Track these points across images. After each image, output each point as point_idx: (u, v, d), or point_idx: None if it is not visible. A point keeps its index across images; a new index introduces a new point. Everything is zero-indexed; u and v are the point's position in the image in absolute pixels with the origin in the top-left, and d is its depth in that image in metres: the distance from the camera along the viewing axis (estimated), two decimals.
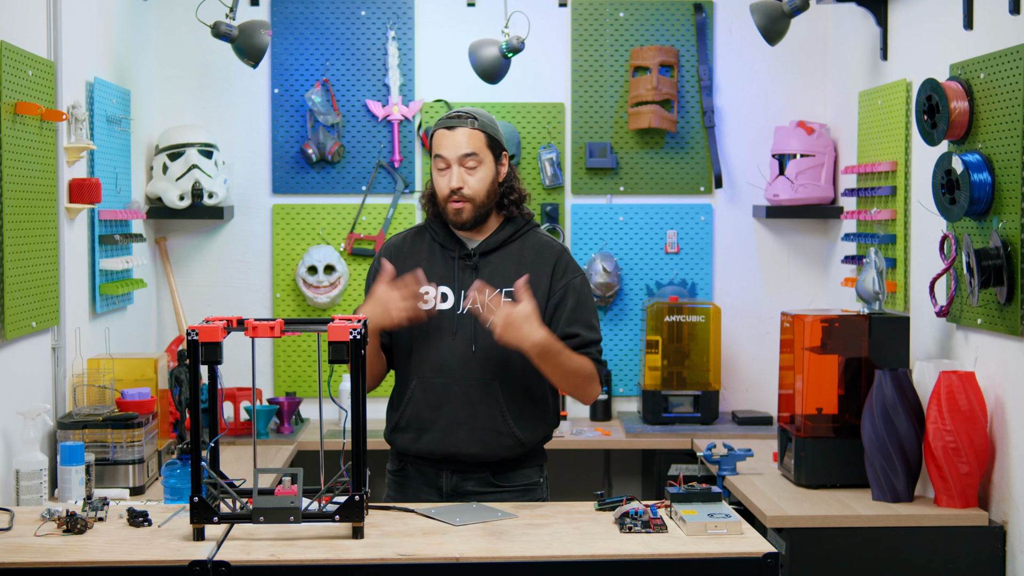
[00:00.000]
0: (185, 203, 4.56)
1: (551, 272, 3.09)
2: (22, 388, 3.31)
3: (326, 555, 2.55)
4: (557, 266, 3.10)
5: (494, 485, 3.08)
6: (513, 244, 3.11)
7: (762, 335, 4.95)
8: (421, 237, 3.17)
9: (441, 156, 3.05)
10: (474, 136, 3.05)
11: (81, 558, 2.53)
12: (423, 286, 3.06)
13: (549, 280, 3.08)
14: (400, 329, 3.07)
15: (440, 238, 3.12)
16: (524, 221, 3.15)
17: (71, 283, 3.69)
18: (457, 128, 3.05)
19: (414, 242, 3.16)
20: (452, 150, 3.04)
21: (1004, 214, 3.30)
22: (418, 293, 3.01)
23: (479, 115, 3.08)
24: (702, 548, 2.61)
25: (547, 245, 3.14)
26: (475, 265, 3.07)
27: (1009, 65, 3.26)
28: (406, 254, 3.13)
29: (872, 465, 3.50)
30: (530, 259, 3.09)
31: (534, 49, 4.72)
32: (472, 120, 3.06)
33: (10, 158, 3.18)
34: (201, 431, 2.62)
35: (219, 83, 4.87)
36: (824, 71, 4.93)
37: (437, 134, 3.08)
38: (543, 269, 3.09)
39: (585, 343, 3.05)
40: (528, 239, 3.13)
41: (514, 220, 3.13)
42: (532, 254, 3.10)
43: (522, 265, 3.08)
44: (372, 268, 3.18)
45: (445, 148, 3.05)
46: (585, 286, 3.11)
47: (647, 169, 4.95)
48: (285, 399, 4.56)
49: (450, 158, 3.04)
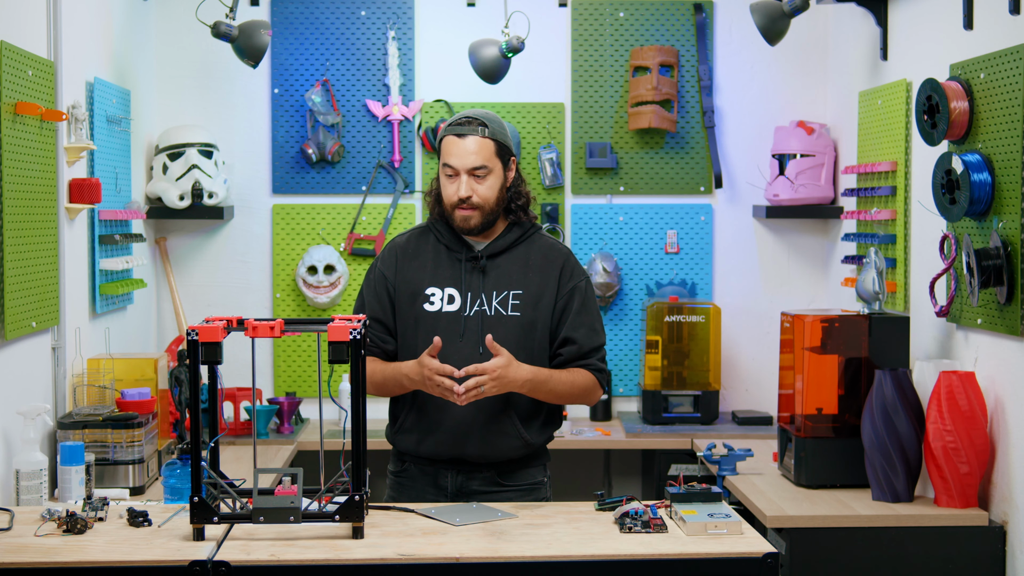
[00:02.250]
0: (185, 203, 4.56)
1: (559, 275, 3.09)
2: (22, 388, 3.31)
3: (326, 555, 2.55)
4: (564, 269, 3.11)
5: (499, 484, 3.09)
6: (519, 247, 3.11)
7: (762, 335, 4.95)
8: (425, 238, 3.15)
9: (450, 164, 3.03)
10: (484, 146, 3.02)
11: (81, 558, 2.53)
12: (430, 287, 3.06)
13: (557, 283, 3.09)
14: (405, 332, 3.07)
15: (445, 240, 3.11)
16: (530, 224, 3.15)
17: (71, 283, 3.69)
18: (467, 136, 3.01)
19: (419, 243, 3.15)
20: (461, 160, 3.01)
21: (1004, 214, 3.29)
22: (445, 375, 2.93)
23: (489, 121, 3.05)
24: (702, 548, 2.61)
25: (553, 248, 3.14)
26: (483, 268, 3.07)
27: (1009, 65, 3.26)
28: (411, 255, 3.12)
29: (872, 465, 3.50)
30: (537, 262, 3.10)
31: (534, 49, 4.72)
32: (483, 127, 3.02)
33: (10, 158, 3.18)
34: (201, 431, 2.62)
35: (219, 83, 4.87)
36: (824, 71, 4.93)
37: (446, 140, 3.04)
38: (550, 272, 3.09)
39: (585, 352, 3.07)
40: (534, 242, 3.13)
41: (520, 223, 3.13)
42: (539, 257, 3.11)
43: (529, 268, 3.08)
44: (374, 272, 3.14)
45: (454, 157, 3.02)
46: (589, 289, 3.13)
47: (647, 169, 4.95)
48: (285, 399, 4.56)
49: (459, 168, 3.02)
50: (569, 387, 3.04)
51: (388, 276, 3.11)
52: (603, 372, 3.10)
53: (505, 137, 3.07)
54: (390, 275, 3.11)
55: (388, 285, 3.10)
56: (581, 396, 3.08)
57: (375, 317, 3.10)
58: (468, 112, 3.08)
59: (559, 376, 3.02)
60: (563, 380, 3.03)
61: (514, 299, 3.05)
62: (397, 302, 3.09)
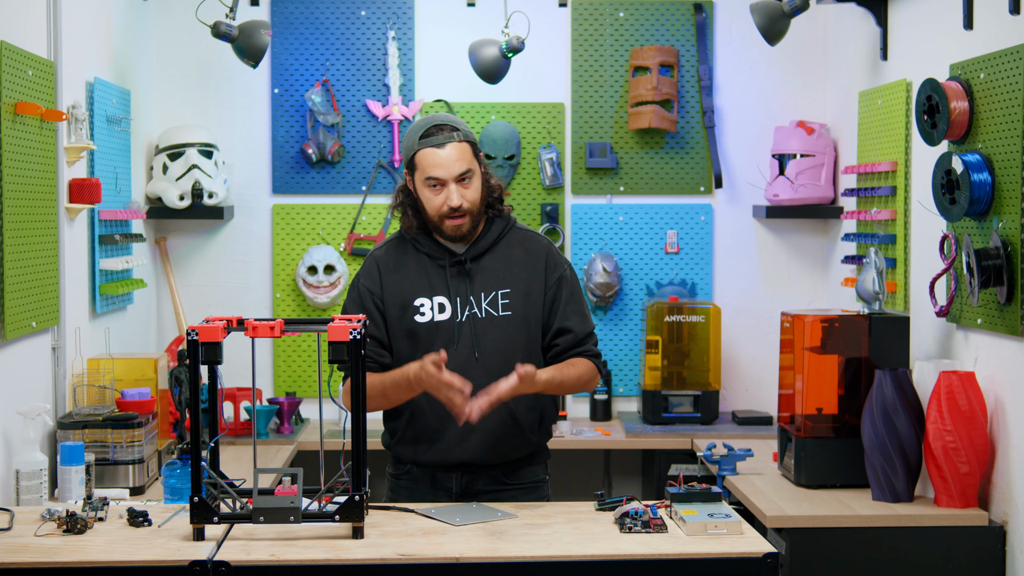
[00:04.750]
0: (185, 203, 4.56)
1: (544, 267, 3.10)
2: (22, 388, 3.31)
3: (326, 555, 2.55)
4: (548, 260, 3.11)
5: (503, 483, 3.09)
6: (500, 244, 3.10)
7: (762, 335, 4.95)
8: (404, 248, 3.10)
9: (435, 176, 2.98)
10: (464, 150, 2.99)
11: (81, 558, 2.53)
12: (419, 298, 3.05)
13: (544, 275, 3.09)
14: (399, 345, 3.06)
15: (425, 248, 3.08)
16: (506, 219, 3.12)
17: (71, 283, 3.69)
18: (447, 145, 2.98)
19: (398, 254, 3.10)
20: (447, 170, 2.97)
21: (1004, 214, 3.29)
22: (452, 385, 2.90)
23: (457, 124, 3.02)
24: (702, 548, 2.61)
25: (531, 239, 3.13)
26: (468, 271, 3.06)
27: (1009, 65, 3.26)
28: (392, 268, 3.08)
29: (872, 465, 3.50)
30: (520, 257, 3.09)
31: (534, 49, 4.72)
32: (456, 132, 2.99)
33: (10, 158, 3.17)
34: (201, 431, 2.62)
35: (219, 83, 4.87)
36: (824, 71, 4.93)
37: (424, 153, 2.98)
38: (535, 265, 3.09)
39: (580, 339, 3.08)
40: (512, 236, 3.12)
41: (497, 220, 3.11)
42: (521, 252, 3.10)
43: (513, 264, 3.08)
44: (358, 289, 3.08)
45: (438, 169, 2.97)
46: (574, 276, 3.14)
47: (647, 169, 4.95)
48: (285, 399, 4.56)
49: (447, 178, 2.98)
50: (576, 380, 3.04)
51: (374, 291, 3.07)
52: (598, 357, 3.11)
53: (473, 135, 3.05)
54: (376, 289, 3.07)
55: (376, 300, 3.06)
56: (584, 386, 3.08)
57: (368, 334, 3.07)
58: (432, 119, 3.02)
59: (567, 373, 3.01)
60: (570, 376, 3.02)
61: (503, 298, 3.04)
62: (388, 315, 3.06)
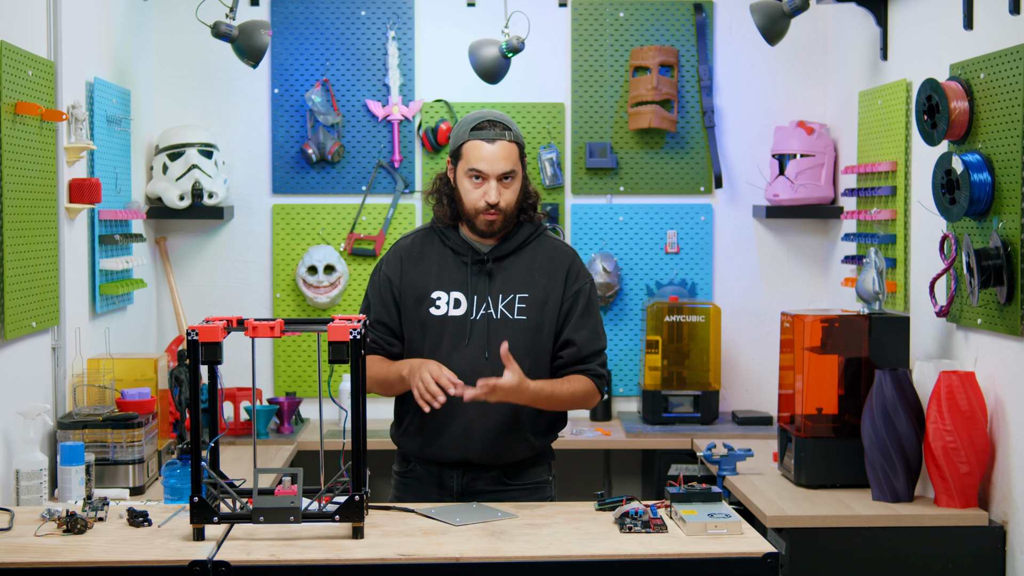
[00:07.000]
0: (185, 203, 4.56)
1: (564, 277, 3.09)
2: (22, 388, 3.31)
3: (326, 555, 2.55)
4: (571, 271, 3.10)
5: (505, 484, 3.09)
6: (525, 249, 3.10)
7: (762, 335, 4.95)
8: (431, 240, 3.13)
9: (478, 170, 2.99)
10: (512, 151, 3.01)
11: (81, 558, 2.54)
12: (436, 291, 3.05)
13: (563, 285, 3.08)
14: (412, 335, 3.07)
15: (451, 242, 3.09)
16: (536, 225, 3.13)
17: (71, 283, 3.69)
18: (497, 142, 2.99)
19: (424, 245, 3.12)
20: (492, 166, 2.99)
21: (1004, 214, 3.29)
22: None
23: (509, 123, 3.04)
24: (702, 548, 2.62)
25: (559, 249, 3.13)
26: (489, 271, 3.07)
27: (1009, 65, 3.26)
28: (416, 258, 3.10)
29: (872, 465, 3.50)
30: (543, 264, 3.09)
31: (534, 49, 4.72)
32: (508, 131, 3.01)
33: (10, 158, 3.17)
34: (201, 431, 2.62)
35: (219, 83, 4.87)
36: (824, 71, 4.93)
37: (473, 144, 3.00)
38: (556, 274, 3.09)
39: (584, 355, 3.07)
40: (541, 244, 3.12)
41: (526, 224, 3.11)
42: (544, 259, 3.09)
43: (535, 270, 3.08)
44: (379, 275, 3.12)
45: (484, 163, 2.99)
46: (594, 291, 3.14)
47: (647, 169, 4.95)
48: (285, 399, 4.56)
49: (490, 173, 2.99)
50: (569, 397, 3.04)
51: (393, 280, 3.09)
52: (602, 377, 3.10)
53: (523, 139, 3.07)
54: (395, 279, 3.09)
55: (393, 289, 3.09)
56: (579, 404, 3.08)
57: (381, 321, 3.09)
58: (486, 114, 3.04)
59: (560, 388, 3.02)
60: (563, 391, 3.02)
61: (520, 302, 3.04)
62: (403, 306, 3.09)
